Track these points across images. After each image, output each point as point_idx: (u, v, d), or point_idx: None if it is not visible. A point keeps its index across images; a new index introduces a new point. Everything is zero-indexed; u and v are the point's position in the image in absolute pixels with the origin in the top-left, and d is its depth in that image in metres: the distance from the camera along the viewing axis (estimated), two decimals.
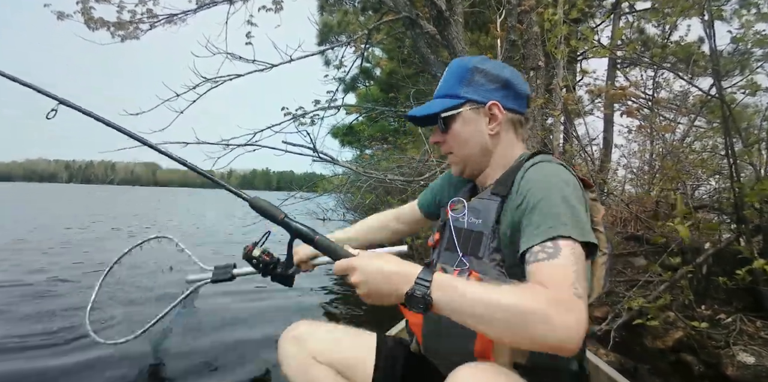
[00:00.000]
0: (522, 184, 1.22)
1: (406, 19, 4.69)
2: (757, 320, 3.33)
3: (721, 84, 3.68)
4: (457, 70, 1.40)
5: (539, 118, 4.93)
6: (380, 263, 1.08)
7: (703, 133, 5.83)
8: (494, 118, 1.36)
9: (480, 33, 8.32)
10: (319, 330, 1.55)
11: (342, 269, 1.13)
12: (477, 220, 1.32)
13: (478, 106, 1.36)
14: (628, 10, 9.69)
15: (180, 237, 2.29)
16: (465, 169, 1.45)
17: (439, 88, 1.43)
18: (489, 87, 1.36)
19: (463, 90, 1.36)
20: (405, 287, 1.03)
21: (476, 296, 0.97)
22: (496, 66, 1.39)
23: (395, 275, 1.05)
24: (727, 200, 4.36)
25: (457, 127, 1.38)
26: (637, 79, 8.21)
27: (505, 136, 1.40)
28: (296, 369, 1.47)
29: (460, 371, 1.07)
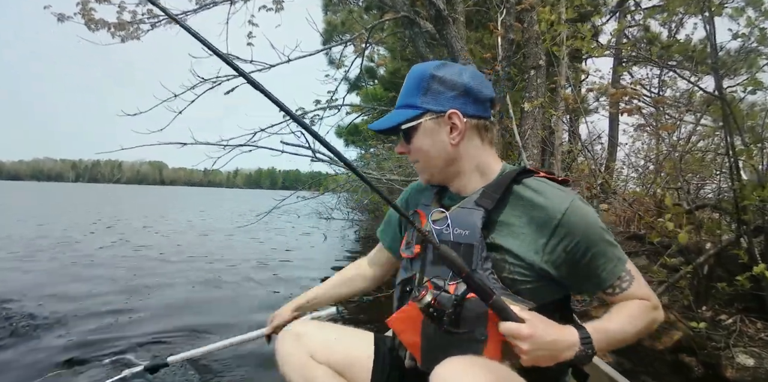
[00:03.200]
0: (557, 210, 1.23)
1: (405, 18, 4.67)
2: (758, 322, 3.30)
3: (721, 82, 3.64)
4: (414, 78, 1.35)
5: (539, 117, 4.90)
6: (553, 337, 1.13)
7: (706, 132, 5.78)
8: (455, 128, 1.31)
9: (484, 31, 8.28)
10: (317, 330, 1.54)
11: (513, 334, 1.10)
12: (464, 231, 1.28)
13: (437, 116, 1.31)
14: (634, 8, 9.64)
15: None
16: (433, 178, 1.42)
17: (399, 97, 1.38)
18: (447, 95, 1.31)
19: (420, 100, 1.32)
20: (570, 353, 1.14)
21: (619, 334, 1.23)
22: (453, 72, 1.33)
23: (563, 343, 1.14)
24: (728, 199, 4.32)
25: (419, 139, 1.34)
26: (642, 77, 8.18)
27: (469, 144, 1.35)
28: (294, 368, 1.45)
29: (446, 363, 1.10)
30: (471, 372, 1.05)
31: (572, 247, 1.23)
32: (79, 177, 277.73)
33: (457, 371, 1.06)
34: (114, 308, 4.32)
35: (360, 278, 1.85)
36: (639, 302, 1.28)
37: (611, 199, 5.41)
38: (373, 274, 1.83)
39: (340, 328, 1.61)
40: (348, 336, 1.57)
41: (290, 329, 1.54)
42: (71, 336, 3.55)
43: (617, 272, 1.27)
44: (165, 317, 4.10)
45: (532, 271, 1.24)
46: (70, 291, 4.92)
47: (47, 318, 3.94)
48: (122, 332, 3.67)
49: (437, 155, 1.33)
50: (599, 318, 1.26)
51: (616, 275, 1.27)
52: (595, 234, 1.24)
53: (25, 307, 4.22)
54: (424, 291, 1.18)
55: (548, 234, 1.23)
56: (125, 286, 5.27)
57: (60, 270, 6.09)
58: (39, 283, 5.23)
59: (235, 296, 5.05)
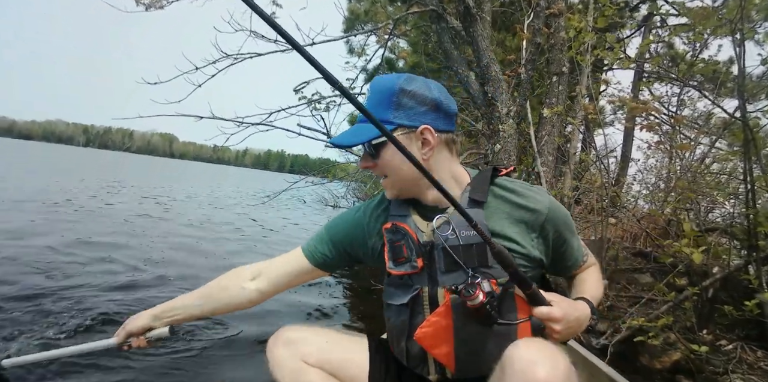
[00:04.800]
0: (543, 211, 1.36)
1: (433, 12, 4.60)
2: (758, 350, 3.26)
3: (745, 106, 3.60)
4: (381, 92, 1.32)
5: (558, 125, 4.85)
6: (576, 313, 1.28)
7: (722, 156, 5.74)
8: (426, 143, 1.32)
9: (507, 34, 8.21)
10: (309, 334, 1.51)
11: (549, 318, 1.21)
12: (471, 232, 1.28)
13: (409, 132, 1.31)
14: (659, 25, 9.58)
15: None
16: (402, 193, 1.42)
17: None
18: (419, 110, 1.31)
19: (392, 114, 1.30)
20: (585, 325, 1.33)
21: (599, 297, 1.50)
22: (422, 86, 1.33)
23: (583, 317, 1.31)
24: (740, 225, 4.28)
25: (389, 154, 1.33)
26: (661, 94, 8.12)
27: (439, 156, 1.37)
28: (288, 373, 1.42)
29: (521, 342, 1.12)
30: (550, 353, 1.07)
31: (556, 237, 1.40)
32: (90, 142, 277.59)
33: (538, 352, 1.07)
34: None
35: (238, 290, 1.60)
36: (595, 268, 1.61)
37: (620, 214, 5.37)
38: (263, 286, 1.59)
39: (333, 331, 1.59)
40: (341, 339, 1.55)
41: (281, 336, 1.50)
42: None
43: (583, 251, 1.54)
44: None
45: (529, 261, 1.34)
46: None
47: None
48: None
49: (409, 170, 1.29)
50: (582, 289, 1.50)
51: (583, 254, 1.54)
52: (570, 225, 1.44)
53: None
54: (477, 290, 1.18)
55: (538, 229, 1.35)
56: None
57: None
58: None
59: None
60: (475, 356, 1.30)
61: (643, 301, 3.78)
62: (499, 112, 4.14)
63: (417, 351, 1.39)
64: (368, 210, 1.55)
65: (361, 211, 1.57)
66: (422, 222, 1.38)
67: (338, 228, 1.59)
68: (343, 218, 1.60)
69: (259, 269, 1.61)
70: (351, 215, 1.59)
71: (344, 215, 1.62)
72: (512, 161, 4.23)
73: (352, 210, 1.62)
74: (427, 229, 1.36)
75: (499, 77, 4.28)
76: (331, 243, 1.57)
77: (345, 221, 1.59)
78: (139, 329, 1.59)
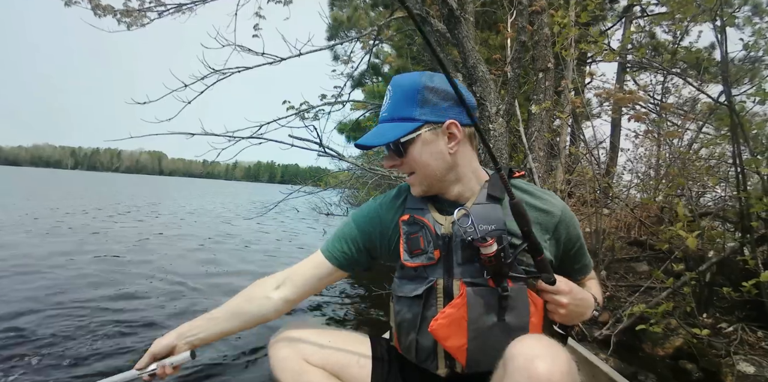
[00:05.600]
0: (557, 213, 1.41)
1: (417, 16, 4.65)
2: (758, 331, 3.32)
3: (730, 91, 3.66)
4: (405, 90, 1.34)
5: (546, 120, 4.91)
6: (582, 294, 1.36)
7: (710, 140, 5.80)
8: (453, 137, 1.35)
9: (490, 32, 8.29)
10: (310, 333, 1.53)
11: (556, 288, 1.30)
12: (489, 226, 1.32)
13: (436, 127, 1.33)
14: (640, 15, 9.68)
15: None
16: (431, 188, 1.43)
17: (388, 109, 1.38)
18: (443, 105, 1.33)
19: (418, 112, 1.32)
20: (590, 313, 1.40)
21: (600, 301, 1.50)
22: (442, 81, 1.34)
23: (588, 301, 1.38)
24: (732, 208, 4.34)
25: (416, 151, 1.35)
26: (646, 83, 8.20)
27: (464, 150, 1.39)
28: (289, 373, 1.44)
29: (523, 338, 1.14)
30: (550, 348, 1.08)
31: (567, 240, 1.43)
32: (78, 164, 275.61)
33: (538, 347, 1.08)
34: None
35: (264, 301, 1.54)
36: (596, 280, 1.65)
37: (613, 204, 5.42)
38: (288, 294, 1.55)
39: (335, 331, 1.61)
40: (343, 339, 1.57)
41: (282, 336, 1.52)
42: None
43: (590, 261, 1.59)
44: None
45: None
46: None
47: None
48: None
49: (437, 165, 1.35)
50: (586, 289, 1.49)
51: (591, 263, 1.59)
52: (579, 230, 1.48)
53: None
54: (492, 239, 1.25)
55: (551, 231, 1.39)
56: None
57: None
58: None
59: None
60: (487, 350, 1.31)
61: (642, 289, 3.83)
62: (488, 111, 4.18)
63: (427, 344, 1.39)
64: (384, 204, 1.55)
65: (377, 204, 1.57)
66: (440, 216, 1.40)
67: (355, 223, 1.57)
68: (360, 213, 1.59)
69: (282, 278, 1.56)
70: (367, 209, 1.59)
71: (361, 210, 1.61)
72: (504, 159, 4.28)
73: (368, 204, 1.61)
74: (445, 222, 1.38)
75: (487, 77, 4.33)
76: (349, 239, 1.55)
77: (362, 216, 1.58)
78: (163, 349, 1.49)
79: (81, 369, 2.80)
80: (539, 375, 1.01)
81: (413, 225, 1.42)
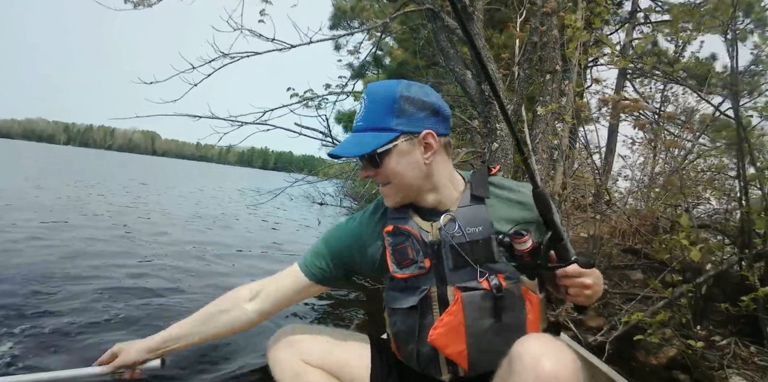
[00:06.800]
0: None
1: (429, 11, 4.61)
2: (751, 346, 3.34)
3: (738, 105, 3.68)
4: (382, 99, 1.33)
5: (551, 123, 4.90)
6: (596, 271, 1.31)
7: (706, 152, 5.84)
8: (429, 147, 1.34)
9: (493, 31, 8.24)
10: (310, 334, 1.52)
11: (579, 273, 1.25)
12: (476, 228, 1.33)
13: (412, 137, 1.32)
14: (643, 21, 9.69)
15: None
16: (405, 198, 1.41)
17: (363, 119, 1.35)
18: (420, 115, 1.32)
19: (394, 122, 1.30)
20: (602, 289, 1.36)
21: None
22: (420, 91, 1.34)
23: (601, 277, 1.35)
24: (727, 221, 4.38)
25: (392, 161, 1.33)
26: (645, 91, 8.23)
27: (440, 159, 1.39)
28: (289, 374, 1.43)
29: (528, 338, 1.15)
30: (556, 347, 1.09)
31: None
32: (71, 140, 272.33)
33: (544, 346, 1.09)
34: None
35: (238, 312, 1.54)
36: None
37: (609, 210, 5.45)
38: (262, 305, 1.54)
39: (334, 332, 1.60)
40: (342, 339, 1.55)
41: (281, 336, 1.51)
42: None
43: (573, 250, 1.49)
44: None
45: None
46: None
47: None
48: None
49: (413, 175, 1.34)
50: None
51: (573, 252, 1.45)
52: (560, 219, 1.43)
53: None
54: (527, 235, 1.24)
55: (534, 224, 1.36)
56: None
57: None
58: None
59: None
60: (487, 352, 1.31)
61: (638, 297, 3.84)
62: (496, 111, 4.16)
63: (428, 352, 1.39)
64: (364, 219, 1.54)
65: (357, 221, 1.56)
66: (425, 223, 1.39)
67: (334, 240, 1.55)
68: (339, 230, 1.57)
69: (257, 289, 1.55)
70: (346, 226, 1.57)
71: (339, 227, 1.59)
72: (509, 160, 4.27)
73: (347, 221, 1.60)
74: (431, 228, 1.37)
75: (496, 76, 4.31)
76: (328, 256, 1.53)
77: (341, 233, 1.56)
78: (132, 362, 1.50)
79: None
80: (546, 373, 1.03)
81: (398, 235, 1.40)
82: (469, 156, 5.15)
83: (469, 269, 1.32)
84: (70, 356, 2.77)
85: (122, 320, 3.38)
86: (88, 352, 2.78)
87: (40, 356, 2.72)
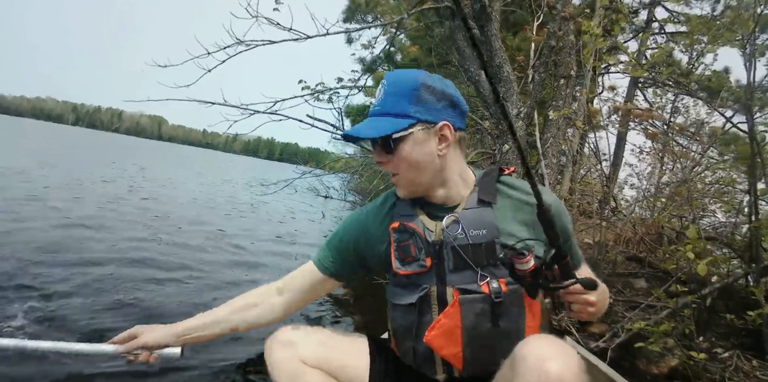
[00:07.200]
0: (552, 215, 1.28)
1: (447, 8, 4.59)
2: (753, 360, 3.34)
3: (753, 119, 3.66)
4: (401, 86, 1.32)
5: (563, 127, 4.89)
6: (601, 287, 1.27)
7: (714, 165, 5.84)
8: (444, 139, 1.33)
9: (507, 33, 8.23)
10: (308, 334, 1.50)
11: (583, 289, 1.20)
12: (480, 231, 1.32)
13: (428, 127, 1.31)
14: (658, 31, 9.68)
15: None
16: (417, 190, 1.40)
17: (381, 103, 1.34)
18: (438, 106, 1.32)
19: (413, 109, 1.30)
20: (607, 304, 1.37)
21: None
22: (439, 81, 1.34)
23: (606, 293, 1.37)
24: (733, 234, 4.38)
25: (407, 149, 1.32)
26: (657, 101, 8.21)
27: (453, 154, 1.38)
28: (287, 374, 1.41)
29: (532, 339, 1.13)
30: (562, 349, 1.07)
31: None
32: (79, 121, 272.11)
33: (550, 348, 1.08)
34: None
35: (267, 305, 1.59)
36: (588, 270, 1.55)
37: (615, 218, 5.44)
38: (286, 301, 1.59)
39: (332, 332, 1.58)
40: (340, 340, 1.54)
41: (279, 336, 1.48)
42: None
43: (581, 257, 1.53)
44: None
45: (537, 260, 1.26)
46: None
47: None
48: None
49: (425, 166, 1.33)
50: None
51: (580, 258, 1.52)
52: (569, 223, 1.46)
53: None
54: (529, 254, 1.18)
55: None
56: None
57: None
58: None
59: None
60: (482, 355, 1.32)
61: (642, 306, 3.84)
62: (509, 112, 4.15)
63: (424, 351, 1.39)
64: (372, 212, 1.54)
65: (364, 214, 1.56)
66: (430, 222, 1.38)
67: (343, 233, 1.57)
68: (348, 223, 1.59)
69: (281, 286, 1.60)
70: (355, 219, 1.58)
71: (348, 220, 1.60)
72: (517, 163, 4.26)
73: (355, 214, 1.61)
74: (436, 228, 1.36)
75: (511, 78, 4.30)
76: (337, 250, 1.56)
77: (349, 226, 1.57)
78: (154, 344, 1.51)
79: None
80: (551, 376, 1.01)
81: (403, 233, 1.40)
82: (479, 157, 5.13)
83: (470, 271, 1.31)
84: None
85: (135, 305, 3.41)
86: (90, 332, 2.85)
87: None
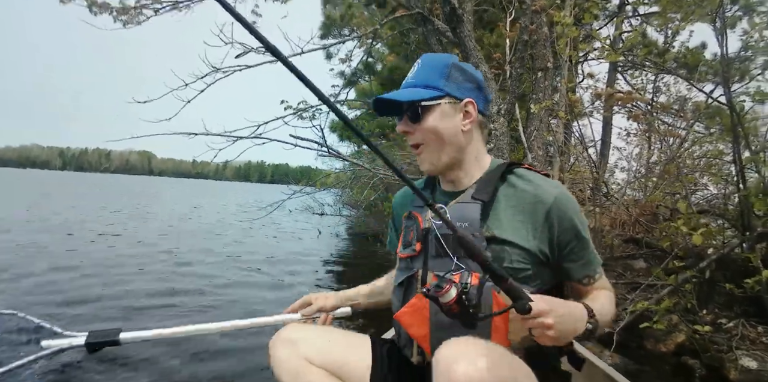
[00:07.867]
0: (548, 199, 1.33)
1: (419, 15, 4.67)
2: (758, 326, 3.37)
3: (730, 91, 3.72)
4: (434, 63, 1.41)
5: (545, 120, 4.95)
6: (566, 308, 1.17)
7: (701, 139, 5.88)
8: (468, 116, 1.38)
9: (484, 31, 8.31)
10: (311, 333, 1.53)
11: (538, 312, 1.07)
12: (463, 223, 1.34)
13: (456, 102, 1.37)
14: (631, 14, 9.75)
15: None
16: (438, 163, 1.42)
17: (414, 76, 1.41)
18: (466, 85, 1.39)
19: (443, 83, 1.37)
20: (582, 324, 1.20)
21: (604, 315, 1.29)
22: (469, 67, 1.43)
23: (576, 314, 1.20)
24: (725, 205, 4.42)
25: (433, 119, 1.37)
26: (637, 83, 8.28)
27: (475, 135, 1.44)
28: (290, 373, 1.43)
29: (447, 345, 1.10)
30: (473, 350, 1.06)
31: (561, 231, 1.34)
32: (66, 165, 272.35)
33: (459, 351, 1.07)
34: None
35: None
36: (609, 293, 1.43)
37: (608, 202, 5.48)
38: None
39: (335, 331, 1.62)
40: (343, 339, 1.57)
41: (282, 336, 1.51)
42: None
43: (597, 262, 1.42)
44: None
45: (529, 256, 1.32)
46: None
47: None
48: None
49: (448, 139, 1.38)
50: (587, 300, 1.34)
51: (598, 264, 1.42)
52: (581, 222, 1.37)
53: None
54: (448, 285, 1.09)
55: (542, 219, 1.33)
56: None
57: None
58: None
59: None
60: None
61: (642, 286, 3.88)
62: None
63: (404, 332, 1.44)
64: (399, 199, 1.72)
65: (399, 197, 1.73)
66: (438, 207, 1.38)
67: (394, 215, 1.73)
68: (393, 206, 1.74)
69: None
70: (396, 203, 1.73)
71: (393, 203, 1.75)
72: (504, 159, 4.31)
73: (397, 196, 1.76)
74: (428, 216, 1.43)
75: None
76: (396, 230, 1.71)
77: (394, 209, 1.73)
78: (330, 307, 1.77)
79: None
80: (458, 377, 1.01)
81: (409, 219, 1.51)
82: None
83: (447, 259, 1.35)
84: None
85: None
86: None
87: None
